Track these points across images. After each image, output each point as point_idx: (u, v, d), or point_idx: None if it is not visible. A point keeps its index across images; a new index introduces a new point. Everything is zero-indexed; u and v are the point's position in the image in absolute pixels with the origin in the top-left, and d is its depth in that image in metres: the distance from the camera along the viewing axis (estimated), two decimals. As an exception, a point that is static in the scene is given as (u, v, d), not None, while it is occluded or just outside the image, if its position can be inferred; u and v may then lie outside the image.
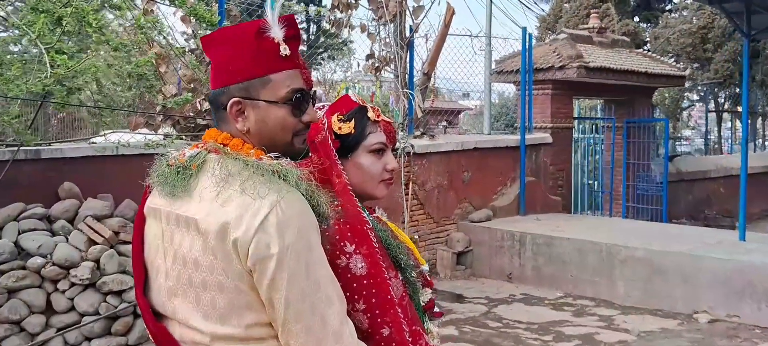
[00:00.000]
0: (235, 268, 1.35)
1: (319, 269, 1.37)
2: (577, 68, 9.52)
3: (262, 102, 1.46)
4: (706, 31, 16.75)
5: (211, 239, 1.36)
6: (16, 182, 5.21)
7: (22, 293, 4.66)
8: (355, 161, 1.68)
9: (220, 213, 1.36)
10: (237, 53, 1.46)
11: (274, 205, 1.34)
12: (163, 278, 1.49)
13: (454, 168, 8.47)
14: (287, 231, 1.33)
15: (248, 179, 1.38)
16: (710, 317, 6.53)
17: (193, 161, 1.46)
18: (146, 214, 1.56)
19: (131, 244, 1.62)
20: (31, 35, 3.81)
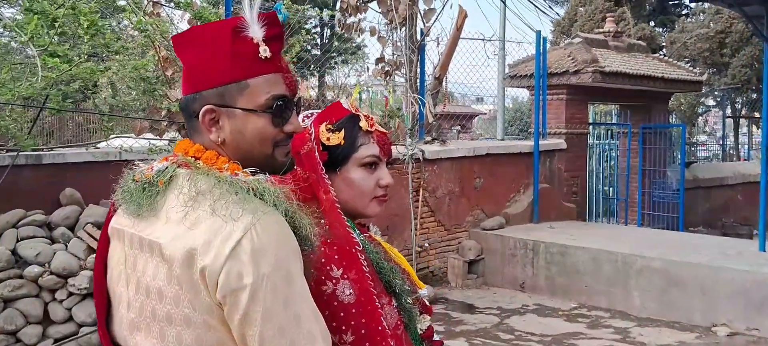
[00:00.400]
0: (203, 300, 1.18)
1: (299, 302, 1.20)
2: (592, 73, 9.32)
3: (238, 110, 1.29)
4: (724, 35, 16.47)
5: (176, 266, 1.19)
6: (16, 188, 5.12)
7: (18, 302, 4.56)
8: (345, 176, 1.52)
9: (187, 237, 1.19)
10: (211, 55, 1.29)
11: (248, 228, 1.17)
12: (125, 309, 1.33)
13: (466, 174, 8.30)
14: (263, 259, 1.16)
15: (220, 197, 1.21)
16: (729, 330, 6.31)
17: (161, 177, 1.29)
18: (110, 235, 1.40)
19: (94, 268, 1.46)
20: (23, 37, 3.69)
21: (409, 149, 7.11)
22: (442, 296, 7.48)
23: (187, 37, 1.36)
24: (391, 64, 7.52)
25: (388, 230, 7.44)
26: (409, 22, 7.47)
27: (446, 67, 8.29)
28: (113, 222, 1.39)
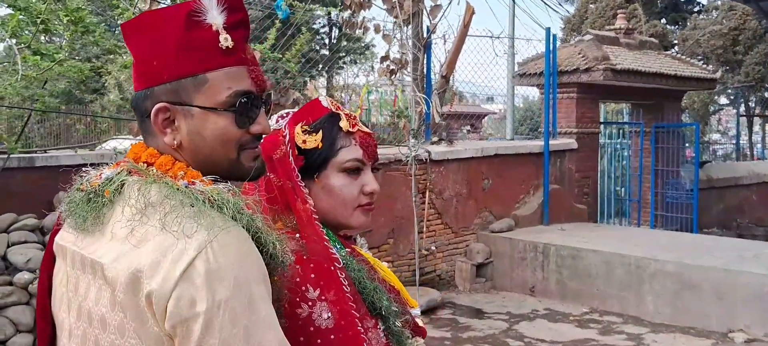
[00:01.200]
0: (151, 330, 1.00)
1: (263, 331, 1.01)
2: (603, 70, 9.09)
3: (195, 108, 1.11)
4: (737, 32, 16.21)
5: (119, 290, 1.01)
6: (8, 191, 5.00)
7: (8, 310, 4.42)
8: (324, 183, 1.33)
9: (132, 257, 1.01)
10: (162, 46, 1.10)
11: (204, 246, 0.99)
12: (67, 338, 1.15)
13: (474, 176, 8.10)
14: (219, 283, 0.98)
15: (172, 210, 1.03)
16: (747, 336, 6.08)
17: (108, 186, 1.11)
18: (55, 253, 1.22)
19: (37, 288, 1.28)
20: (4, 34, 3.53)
21: (413, 150, 6.92)
22: (450, 300, 7.28)
23: (137, 24, 1.16)
24: (396, 63, 7.33)
25: (393, 234, 7.26)
26: (415, 19, 7.28)
27: (453, 65, 8.09)
28: (58, 238, 1.21)
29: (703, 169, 12.38)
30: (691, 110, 18.62)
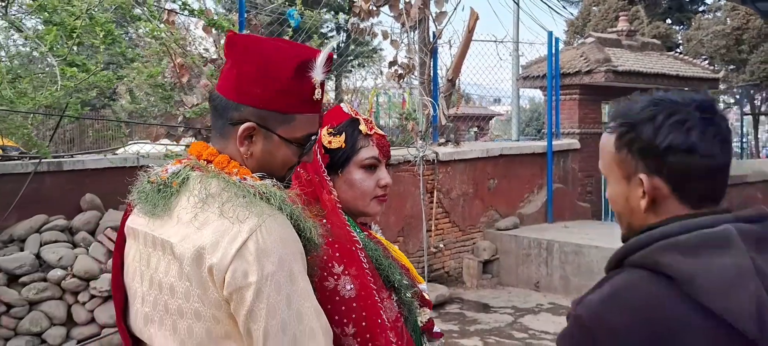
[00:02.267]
0: (212, 296, 1.26)
1: (301, 300, 1.27)
2: (605, 72, 9.32)
3: (276, 136, 1.36)
4: (741, 32, 16.35)
5: (186, 264, 1.27)
6: (39, 194, 5.26)
7: (43, 305, 4.69)
8: (346, 177, 1.60)
9: (196, 237, 1.26)
10: (269, 77, 1.33)
11: (254, 230, 1.24)
12: (139, 303, 1.41)
13: (480, 175, 8.34)
14: (267, 259, 1.23)
15: (228, 200, 1.28)
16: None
17: (175, 178, 1.37)
18: (126, 234, 1.49)
19: (112, 266, 1.55)
20: (43, 47, 3.82)
21: (421, 151, 7.18)
22: (457, 296, 7.53)
23: (249, 47, 1.38)
24: (404, 67, 7.59)
25: (403, 232, 7.51)
26: (421, 25, 7.54)
27: (459, 69, 8.34)
28: (129, 222, 1.48)
29: (707, 168, 12.52)
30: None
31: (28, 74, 4.18)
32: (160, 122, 5.71)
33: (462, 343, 5.98)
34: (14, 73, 3.99)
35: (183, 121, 6.12)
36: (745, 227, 1.16)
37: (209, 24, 5.58)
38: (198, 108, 5.32)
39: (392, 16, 7.41)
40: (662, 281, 1.14)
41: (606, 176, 1.30)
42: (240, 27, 6.06)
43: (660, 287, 1.13)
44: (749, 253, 1.13)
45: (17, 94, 3.84)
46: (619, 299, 1.16)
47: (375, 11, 7.14)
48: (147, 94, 7.53)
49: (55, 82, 3.78)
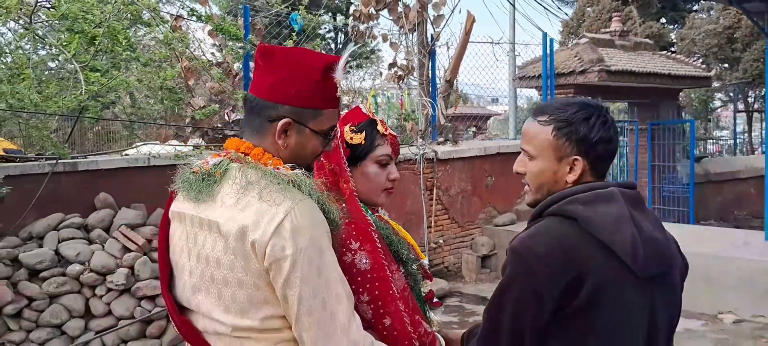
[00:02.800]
0: (253, 267, 1.49)
1: (329, 270, 1.51)
2: (598, 72, 9.57)
3: (308, 130, 1.61)
4: (732, 31, 16.57)
5: (231, 240, 1.50)
6: (55, 194, 5.47)
7: (62, 298, 4.89)
8: (363, 170, 1.84)
9: (239, 217, 1.50)
10: (300, 79, 1.58)
11: (289, 212, 1.48)
12: (187, 276, 1.64)
13: (478, 173, 8.58)
14: (300, 236, 1.47)
15: (266, 187, 1.52)
16: (735, 317, 6.54)
17: (217, 169, 1.60)
18: (171, 217, 1.72)
19: (158, 244, 1.78)
20: (67, 54, 4.05)
21: (420, 150, 7.41)
22: (457, 289, 7.76)
23: (279, 54, 1.63)
24: (403, 69, 7.82)
25: (404, 228, 7.72)
26: (420, 28, 7.77)
27: (456, 70, 8.57)
28: (173, 207, 1.71)
29: (700, 164, 12.78)
30: (691, 108, 18.99)
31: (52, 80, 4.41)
32: (168, 124, 5.94)
33: (462, 333, 6.22)
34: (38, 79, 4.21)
35: (191, 122, 6.35)
36: (625, 191, 1.65)
37: (216, 30, 5.81)
38: (208, 110, 5.54)
39: (391, 19, 7.65)
40: (569, 223, 1.60)
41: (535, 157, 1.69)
42: (245, 31, 6.29)
43: (568, 226, 1.60)
44: (627, 206, 1.60)
45: (43, 99, 4.07)
46: (542, 234, 1.61)
47: (375, 15, 7.38)
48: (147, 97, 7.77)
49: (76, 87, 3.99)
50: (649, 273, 1.61)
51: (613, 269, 1.56)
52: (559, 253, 1.55)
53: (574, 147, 1.65)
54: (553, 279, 1.54)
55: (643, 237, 1.59)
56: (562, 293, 1.54)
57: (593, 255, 1.55)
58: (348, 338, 1.49)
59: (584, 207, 1.59)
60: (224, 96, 6.60)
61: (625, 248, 1.56)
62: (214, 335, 1.60)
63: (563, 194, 1.65)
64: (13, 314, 4.76)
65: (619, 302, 1.57)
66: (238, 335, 1.56)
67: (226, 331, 1.56)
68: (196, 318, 1.64)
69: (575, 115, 1.66)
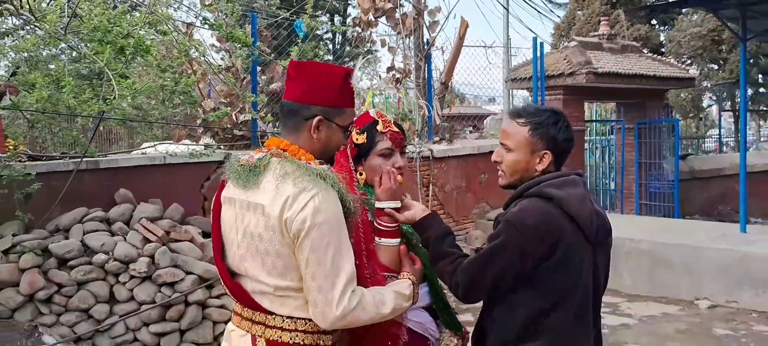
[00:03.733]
0: (286, 238, 1.92)
1: (339, 243, 1.93)
2: (586, 74, 10.03)
3: (335, 125, 2.05)
4: (716, 33, 17.05)
5: (272, 218, 1.93)
6: (79, 190, 5.89)
7: (89, 285, 5.31)
8: (369, 163, 2.30)
9: (278, 200, 1.93)
10: (327, 85, 2.02)
11: (314, 196, 1.91)
12: (235, 248, 2.06)
13: (472, 170, 9.02)
14: (319, 215, 1.89)
15: (299, 176, 1.94)
16: (710, 303, 7.00)
17: (261, 162, 2.03)
18: (222, 201, 2.14)
19: (212, 223, 2.22)
20: (100, 63, 4.49)
21: (418, 148, 7.86)
22: (452, 280, 8.20)
23: (308, 67, 2.10)
24: (400, 72, 8.28)
25: (401, 222, 8.17)
26: (416, 33, 8.23)
27: (451, 73, 9.03)
28: (225, 193, 2.14)
29: (686, 162, 13.25)
30: (680, 108, 19.48)
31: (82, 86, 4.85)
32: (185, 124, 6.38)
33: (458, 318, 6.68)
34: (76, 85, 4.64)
35: (202, 123, 6.79)
36: (581, 178, 2.21)
37: (226, 37, 6.24)
38: (220, 112, 5.98)
39: (389, 25, 8.11)
40: (546, 201, 2.10)
41: (512, 150, 2.19)
42: (253, 38, 6.72)
43: (546, 204, 2.10)
44: (584, 189, 2.17)
45: (79, 102, 4.51)
46: (529, 210, 2.11)
47: (374, 22, 7.83)
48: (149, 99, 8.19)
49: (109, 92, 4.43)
50: (597, 240, 2.15)
51: (576, 236, 2.08)
52: (542, 225, 2.06)
53: (545, 144, 2.15)
54: (538, 244, 2.05)
55: (595, 212, 2.13)
56: (542, 254, 2.05)
57: (565, 226, 2.07)
58: (337, 307, 1.90)
59: (557, 190, 2.10)
60: (233, 99, 7.04)
61: (586, 220, 2.09)
62: (260, 294, 2.01)
63: (539, 180, 2.15)
64: (45, 300, 5.19)
65: (578, 261, 2.09)
66: (280, 294, 1.98)
67: (270, 290, 1.99)
68: (245, 281, 2.06)
69: (547, 119, 2.17)
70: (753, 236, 7.82)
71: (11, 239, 5.39)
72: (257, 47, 6.50)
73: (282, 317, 1.99)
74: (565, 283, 2.09)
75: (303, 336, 1.99)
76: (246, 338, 2.06)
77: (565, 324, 2.10)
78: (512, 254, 2.06)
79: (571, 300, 2.10)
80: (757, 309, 6.74)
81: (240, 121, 6.98)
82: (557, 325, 2.10)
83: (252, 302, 2.03)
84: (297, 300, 1.98)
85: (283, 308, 1.99)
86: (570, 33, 16.43)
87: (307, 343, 2.00)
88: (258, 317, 2.03)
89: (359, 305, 1.93)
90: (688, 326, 6.39)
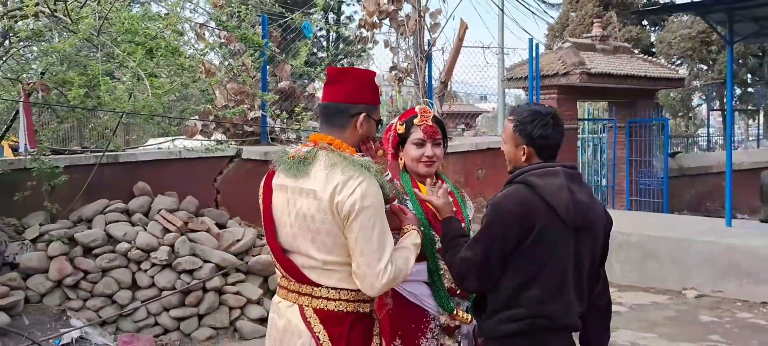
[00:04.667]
0: (337, 219, 2.24)
1: (382, 224, 2.26)
2: (579, 74, 10.40)
3: (372, 120, 2.42)
4: (705, 34, 17.48)
5: (324, 202, 2.25)
6: (100, 183, 6.19)
7: (113, 272, 5.62)
8: (406, 150, 2.71)
9: (329, 187, 2.25)
10: (364, 87, 2.39)
11: (360, 183, 2.23)
12: (288, 228, 2.36)
13: (470, 167, 9.35)
14: (366, 199, 2.22)
15: (346, 167, 2.27)
16: (697, 292, 7.38)
17: (310, 154, 2.35)
18: (273, 188, 2.44)
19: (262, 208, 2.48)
20: (133, 64, 4.81)
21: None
22: (451, 271, 8.55)
23: (348, 71, 2.52)
24: (402, 71, 8.62)
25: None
26: (418, 35, 8.56)
27: (451, 72, 9.36)
28: (275, 181, 2.43)
29: (675, 159, 13.64)
30: (670, 107, 19.91)
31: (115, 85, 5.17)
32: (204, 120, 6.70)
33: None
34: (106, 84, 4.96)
35: (216, 119, 7.10)
36: (567, 170, 2.47)
37: (241, 39, 6.56)
38: (236, 110, 6.30)
39: (392, 26, 8.45)
40: (528, 188, 2.41)
41: (505, 143, 2.55)
42: (264, 39, 7.04)
43: (527, 190, 2.41)
44: (566, 179, 2.43)
45: (112, 99, 4.82)
46: (510, 194, 2.45)
47: (378, 23, 8.17)
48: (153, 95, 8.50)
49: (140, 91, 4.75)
50: (575, 225, 2.42)
51: (553, 220, 2.36)
52: (521, 209, 2.37)
53: (524, 139, 2.48)
54: (517, 225, 2.36)
55: (574, 200, 2.41)
56: (521, 234, 2.35)
57: (542, 210, 2.37)
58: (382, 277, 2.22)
59: (538, 178, 2.42)
60: (243, 96, 7.35)
61: (562, 207, 2.37)
62: (309, 268, 2.33)
63: (525, 170, 2.48)
64: (72, 285, 5.51)
65: (553, 241, 2.38)
66: (327, 268, 2.30)
67: (318, 265, 2.31)
68: (295, 257, 2.36)
69: (527, 117, 2.49)
70: (738, 230, 8.20)
71: (39, 228, 5.71)
72: (269, 48, 6.82)
73: (328, 288, 2.31)
74: (540, 261, 2.37)
75: (346, 304, 2.32)
76: (293, 308, 2.37)
77: (541, 297, 2.37)
78: (495, 233, 2.37)
79: (546, 276, 2.37)
80: (741, 298, 7.11)
81: (250, 117, 7.29)
82: (535, 297, 2.37)
83: (301, 276, 2.35)
84: (341, 273, 2.30)
85: (330, 280, 2.31)
86: (563, 34, 16.83)
87: (349, 310, 2.33)
88: (305, 289, 2.35)
89: (396, 270, 2.26)
90: (675, 314, 6.76)
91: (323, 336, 2.30)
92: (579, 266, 2.45)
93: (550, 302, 2.39)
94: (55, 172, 5.55)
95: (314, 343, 2.30)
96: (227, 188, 6.82)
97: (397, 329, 2.66)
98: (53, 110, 5.54)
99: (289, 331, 2.37)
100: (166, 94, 5.17)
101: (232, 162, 6.88)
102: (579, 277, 2.46)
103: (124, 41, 4.93)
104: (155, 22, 5.17)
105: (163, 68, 5.37)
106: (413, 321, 2.69)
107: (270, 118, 7.28)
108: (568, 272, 2.41)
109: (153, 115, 5.40)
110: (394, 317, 2.68)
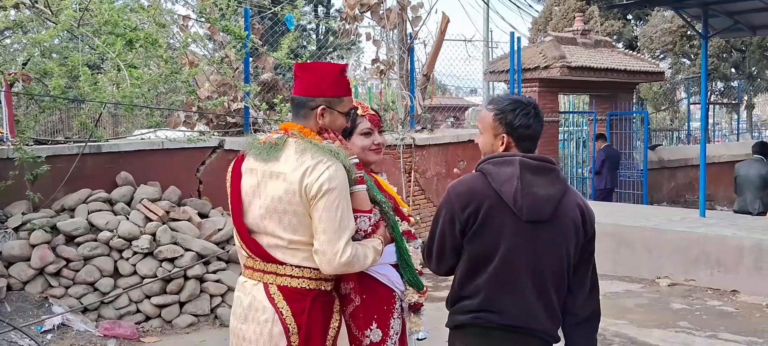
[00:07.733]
0: (303, 201, 2.37)
1: (345, 206, 2.39)
2: (560, 68, 10.55)
3: (336, 112, 2.52)
4: (686, 28, 17.70)
5: (294, 184, 2.37)
6: (82, 172, 6.26)
7: (95, 260, 5.72)
8: (354, 140, 2.77)
9: (299, 169, 2.38)
10: (326, 79, 2.50)
11: (328, 166, 2.37)
12: (257, 209, 2.48)
13: (451, 158, 9.50)
14: (332, 181, 2.35)
15: (316, 152, 2.40)
16: (670, 281, 7.56)
17: (281, 141, 2.48)
18: (243, 172, 2.57)
19: (230, 191, 2.59)
20: (112, 55, 4.90)
21: (400, 137, 8.33)
22: (431, 261, 8.69)
23: (311, 66, 2.60)
24: (384, 64, 8.74)
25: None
26: (399, 28, 8.69)
27: (433, 65, 9.51)
28: (245, 165, 2.55)
29: (656, 152, 13.85)
30: (653, 100, 20.12)
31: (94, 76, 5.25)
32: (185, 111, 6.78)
33: (436, 295, 7.17)
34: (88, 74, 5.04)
35: (197, 110, 7.19)
36: (526, 160, 2.41)
37: (223, 30, 6.65)
38: (217, 101, 6.39)
39: (374, 19, 8.56)
40: (481, 175, 2.44)
41: (482, 132, 2.55)
42: (246, 31, 7.12)
43: (480, 178, 2.43)
44: (522, 170, 2.38)
45: (94, 89, 4.90)
46: (462, 182, 2.48)
47: (359, 16, 8.27)
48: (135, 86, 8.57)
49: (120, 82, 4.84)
50: (530, 218, 2.35)
51: (501, 208, 2.34)
52: (468, 193, 2.40)
53: (504, 128, 2.45)
54: (462, 209, 2.38)
55: (525, 191, 2.35)
56: (466, 218, 2.37)
57: (489, 196, 2.36)
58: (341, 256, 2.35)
59: (492, 166, 2.42)
60: (226, 88, 7.44)
61: (509, 195, 2.34)
62: (275, 247, 2.45)
63: (486, 158, 2.49)
64: (54, 273, 5.60)
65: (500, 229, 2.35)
66: (292, 247, 2.43)
67: (284, 244, 2.44)
68: (261, 237, 2.49)
69: (507, 106, 2.46)
70: (711, 220, 8.39)
71: (21, 217, 5.79)
72: (251, 40, 6.91)
73: (292, 266, 2.45)
74: (486, 250, 2.36)
75: (308, 282, 2.45)
76: (258, 286, 2.50)
77: (488, 286, 2.36)
78: (445, 218, 2.40)
79: (493, 269, 2.35)
80: (712, 286, 7.30)
81: (232, 109, 7.38)
82: (482, 286, 2.37)
83: (266, 255, 2.47)
84: (305, 252, 2.43)
85: (294, 258, 2.44)
86: (547, 28, 16.99)
87: (311, 287, 2.46)
88: (270, 267, 2.47)
89: (355, 256, 2.39)
90: (648, 302, 6.94)
91: (286, 311, 2.43)
92: (539, 266, 2.38)
93: (498, 297, 2.35)
94: (37, 161, 5.63)
95: (277, 317, 2.43)
96: (210, 178, 6.91)
97: (373, 314, 2.74)
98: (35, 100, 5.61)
99: (254, 307, 2.48)
100: (145, 84, 5.25)
101: (215, 153, 6.98)
102: (541, 277, 2.38)
103: (104, 33, 5.00)
104: (136, 13, 5.26)
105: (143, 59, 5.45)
106: (385, 302, 2.79)
107: (252, 110, 7.37)
108: (522, 268, 2.36)
109: (133, 106, 5.48)
110: (367, 302, 2.77)
